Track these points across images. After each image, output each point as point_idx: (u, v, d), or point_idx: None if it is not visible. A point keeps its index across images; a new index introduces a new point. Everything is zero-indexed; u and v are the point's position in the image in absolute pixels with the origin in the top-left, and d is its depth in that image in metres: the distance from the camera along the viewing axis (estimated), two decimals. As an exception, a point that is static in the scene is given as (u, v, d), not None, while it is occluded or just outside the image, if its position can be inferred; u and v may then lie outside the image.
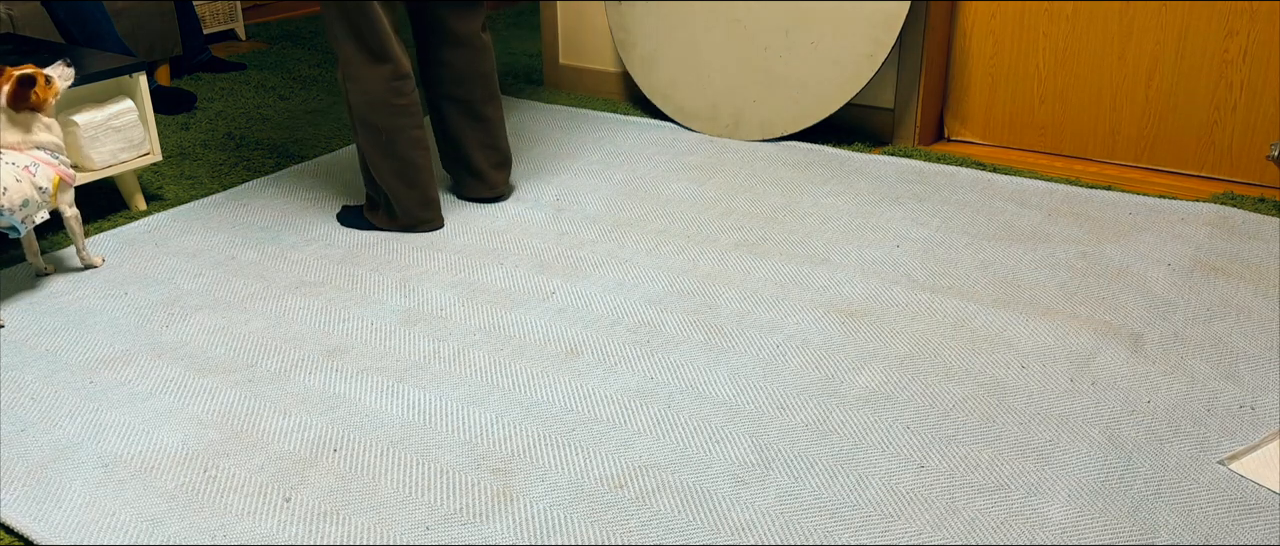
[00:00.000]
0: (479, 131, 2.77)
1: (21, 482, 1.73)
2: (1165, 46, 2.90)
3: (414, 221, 2.65)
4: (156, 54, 3.89)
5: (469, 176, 2.82)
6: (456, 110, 2.74)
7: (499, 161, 2.82)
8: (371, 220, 2.68)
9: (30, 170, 2.29)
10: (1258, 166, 2.88)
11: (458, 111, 2.74)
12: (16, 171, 2.26)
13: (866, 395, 1.93)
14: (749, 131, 3.29)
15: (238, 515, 1.65)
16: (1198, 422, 1.83)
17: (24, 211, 2.27)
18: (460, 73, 2.70)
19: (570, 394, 1.95)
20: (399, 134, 2.55)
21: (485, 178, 2.82)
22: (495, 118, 2.78)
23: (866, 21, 3.04)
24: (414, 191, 2.61)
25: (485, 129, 2.78)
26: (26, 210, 2.28)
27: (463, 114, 2.75)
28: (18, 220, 2.27)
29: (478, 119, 2.76)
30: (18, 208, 2.25)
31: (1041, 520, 1.61)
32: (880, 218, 2.69)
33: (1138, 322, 2.16)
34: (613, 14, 3.53)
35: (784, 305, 2.26)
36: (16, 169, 2.27)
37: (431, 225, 2.67)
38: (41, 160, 2.33)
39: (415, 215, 2.64)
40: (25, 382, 2.03)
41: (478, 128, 2.77)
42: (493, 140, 2.80)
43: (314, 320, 2.25)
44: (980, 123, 3.27)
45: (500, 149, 2.82)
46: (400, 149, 2.57)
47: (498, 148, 2.81)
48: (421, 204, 2.63)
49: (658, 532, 1.59)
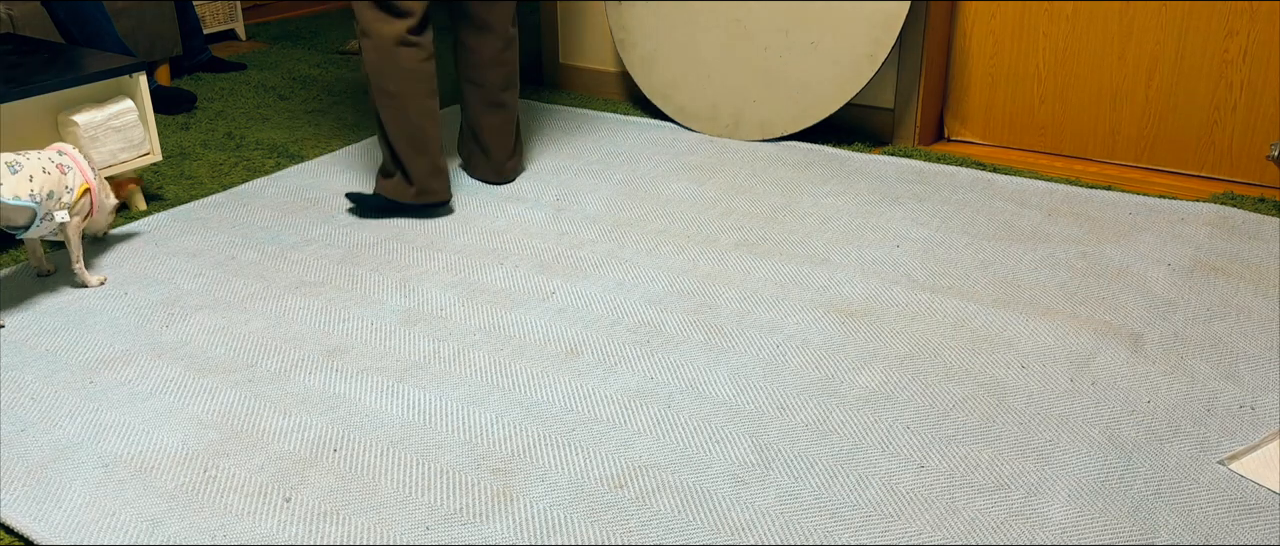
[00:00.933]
0: (495, 117, 2.91)
1: (21, 482, 1.73)
2: (1165, 46, 2.90)
3: (424, 190, 2.71)
4: (156, 54, 3.89)
5: (480, 155, 2.96)
6: (476, 94, 2.89)
7: (511, 149, 2.96)
8: (383, 191, 2.73)
9: (62, 168, 2.33)
10: (1258, 166, 2.88)
11: (477, 95, 2.89)
12: (51, 163, 2.30)
13: (866, 395, 1.93)
14: (749, 131, 3.29)
15: (238, 515, 1.65)
16: (1198, 422, 1.83)
17: (47, 205, 2.27)
18: (482, 58, 2.84)
19: (570, 394, 1.95)
20: (410, 101, 2.64)
21: (494, 160, 2.95)
22: (512, 105, 2.92)
23: (866, 21, 3.04)
24: (424, 158, 2.68)
25: (502, 116, 2.91)
26: (49, 204, 2.27)
27: (481, 99, 2.89)
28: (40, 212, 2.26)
29: (496, 105, 2.89)
30: (45, 198, 2.26)
31: (1041, 520, 1.61)
32: (880, 218, 2.69)
33: (1138, 322, 2.16)
34: (613, 14, 3.53)
35: (784, 305, 2.26)
36: (51, 162, 2.30)
37: (439, 197, 2.73)
38: (80, 165, 2.38)
39: (426, 184, 2.71)
40: (25, 382, 2.03)
41: (494, 114, 2.91)
42: (507, 127, 2.93)
43: (314, 320, 2.25)
44: (980, 123, 3.27)
45: (514, 136, 2.96)
46: (412, 115, 2.65)
47: (512, 134, 2.95)
48: (431, 172, 2.70)
49: (658, 532, 1.59)
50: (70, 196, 2.34)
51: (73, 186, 2.35)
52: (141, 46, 3.81)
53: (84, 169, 2.40)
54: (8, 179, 2.20)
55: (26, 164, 2.24)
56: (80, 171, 2.38)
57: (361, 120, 3.62)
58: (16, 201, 2.21)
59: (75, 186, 2.36)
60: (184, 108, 3.73)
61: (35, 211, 2.26)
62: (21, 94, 2.55)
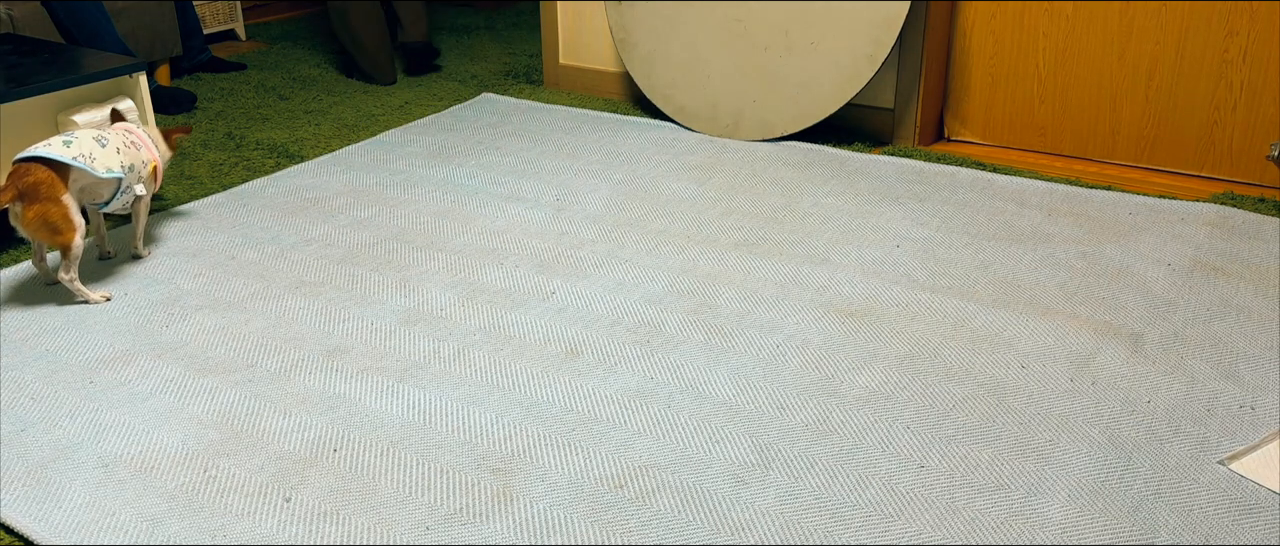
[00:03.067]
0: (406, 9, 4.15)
1: (21, 482, 1.73)
2: (1165, 46, 2.90)
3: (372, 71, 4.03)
4: (156, 54, 3.89)
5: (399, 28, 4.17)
6: None
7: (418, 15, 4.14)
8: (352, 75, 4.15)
9: (134, 145, 2.44)
10: (1258, 166, 2.88)
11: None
12: (128, 141, 2.42)
13: (866, 395, 1.93)
14: (749, 131, 3.29)
15: (238, 515, 1.65)
16: (1198, 422, 1.83)
17: (129, 178, 2.38)
18: None
19: (570, 394, 1.95)
20: (349, 13, 3.96)
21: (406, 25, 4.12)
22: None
23: (866, 21, 3.04)
24: (366, 55, 4.01)
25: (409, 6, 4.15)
26: (131, 177, 2.39)
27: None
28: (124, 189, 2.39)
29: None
30: (127, 171, 2.37)
31: (1041, 520, 1.61)
32: (880, 218, 2.69)
33: (1138, 322, 2.16)
34: (613, 14, 3.53)
35: (784, 305, 2.26)
36: (128, 140, 2.43)
37: (385, 78, 4.04)
38: (146, 143, 2.49)
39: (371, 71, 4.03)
40: (25, 382, 2.03)
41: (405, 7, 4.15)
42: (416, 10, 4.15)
43: (314, 320, 2.25)
44: (980, 123, 3.27)
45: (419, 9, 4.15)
46: (352, 22, 3.97)
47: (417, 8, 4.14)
48: (373, 65, 4.01)
49: (658, 532, 1.59)
50: (145, 171, 2.46)
51: (145, 161, 2.46)
52: (141, 46, 3.81)
53: (150, 147, 2.50)
54: (99, 152, 2.29)
55: (112, 138, 2.36)
56: (148, 149, 2.49)
57: (361, 120, 3.62)
58: (108, 173, 2.30)
59: (148, 162, 2.47)
60: (184, 107, 3.73)
61: (120, 184, 2.36)
62: (21, 94, 2.55)
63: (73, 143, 2.26)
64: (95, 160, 2.27)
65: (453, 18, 5.25)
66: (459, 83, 4.08)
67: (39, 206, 2.19)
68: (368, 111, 3.72)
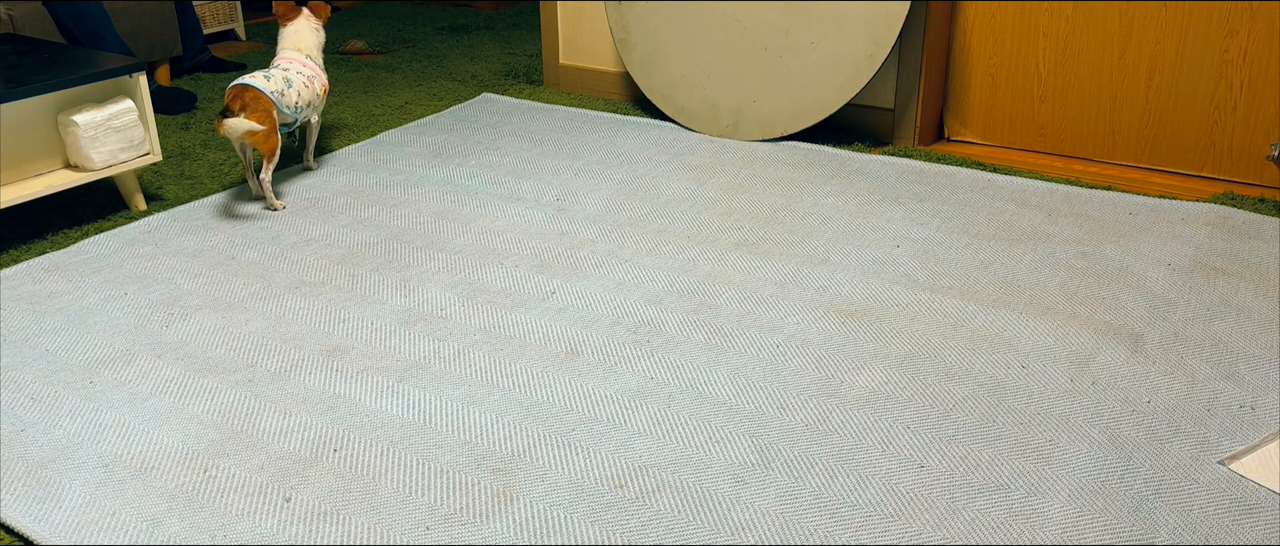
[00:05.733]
0: None
1: (21, 482, 1.73)
2: (1165, 46, 2.90)
3: None
4: (156, 54, 3.89)
5: None
6: None
7: None
8: None
9: (311, 81, 2.93)
10: (1258, 166, 2.88)
11: None
12: (305, 78, 2.91)
13: (866, 395, 1.93)
14: (749, 131, 3.29)
15: (238, 515, 1.65)
16: (1198, 422, 1.83)
17: (305, 112, 2.91)
18: None
19: (570, 394, 1.95)
20: None
21: None
22: None
23: (866, 21, 3.04)
24: None
25: None
26: (307, 112, 2.92)
27: None
28: (301, 118, 2.89)
29: None
30: (304, 107, 2.89)
31: (1042, 520, 1.61)
32: (880, 218, 2.69)
33: (1138, 322, 2.16)
34: (613, 14, 3.53)
35: (784, 305, 2.26)
36: (304, 76, 2.91)
37: None
38: (316, 72, 2.97)
39: None
40: (25, 382, 2.03)
41: None
42: None
43: (314, 320, 2.25)
44: (980, 123, 3.27)
45: None
46: None
47: None
48: None
49: (658, 532, 1.59)
50: (319, 100, 2.99)
51: (320, 91, 2.99)
52: (141, 46, 3.81)
53: (321, 75, 3.00)
54: (287, 91, 2.82)
55: (294, 79, 2.86)
56: (320, 78, 2.99)
57: (361, 120, 3.62)
58: (291, 110, 2.83)
59: (320, 92, 2.99)
60: (184, 107, 3.73)
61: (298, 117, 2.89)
62: (21, 94, 2.55)
63: (272, 78, 2.80)
64: (284, 96, 2.80)
65: (453, 18, 5.25)
66: (459, 83, 4.08)
67: (257, 115, 2.70)
68: (367, 111, 3.72)
